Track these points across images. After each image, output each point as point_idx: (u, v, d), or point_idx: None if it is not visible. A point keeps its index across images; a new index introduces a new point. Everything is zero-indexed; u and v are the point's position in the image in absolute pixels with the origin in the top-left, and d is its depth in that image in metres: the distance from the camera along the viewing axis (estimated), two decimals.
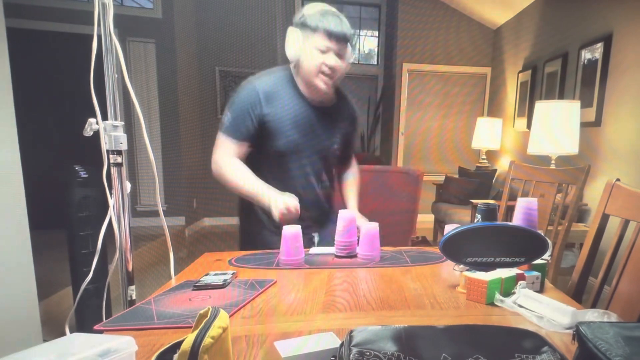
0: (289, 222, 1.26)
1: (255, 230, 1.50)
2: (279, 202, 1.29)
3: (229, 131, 1.37)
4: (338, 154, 1.56)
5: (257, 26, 4.69)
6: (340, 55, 1.37)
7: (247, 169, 1.38)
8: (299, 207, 1.30)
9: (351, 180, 1.66)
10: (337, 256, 1.24)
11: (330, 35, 1.32)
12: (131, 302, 1.14)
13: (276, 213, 1.29)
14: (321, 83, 1.37)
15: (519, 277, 0.95)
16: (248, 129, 1.36)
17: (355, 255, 1.24)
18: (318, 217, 1.53)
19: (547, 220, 1.62)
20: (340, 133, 1.52)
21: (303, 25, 1.34)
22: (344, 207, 1.59)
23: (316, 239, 1.53)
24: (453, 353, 0.54)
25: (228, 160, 1.38)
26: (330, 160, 1.53)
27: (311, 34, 1.33)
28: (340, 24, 1.33)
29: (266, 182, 1.38)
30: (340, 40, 1.34)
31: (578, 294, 1.19)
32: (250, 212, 1.48)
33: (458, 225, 1.02)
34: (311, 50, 1.33)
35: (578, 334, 0.58)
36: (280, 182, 1.40)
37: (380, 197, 2.03)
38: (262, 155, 1.42)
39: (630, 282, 1.04)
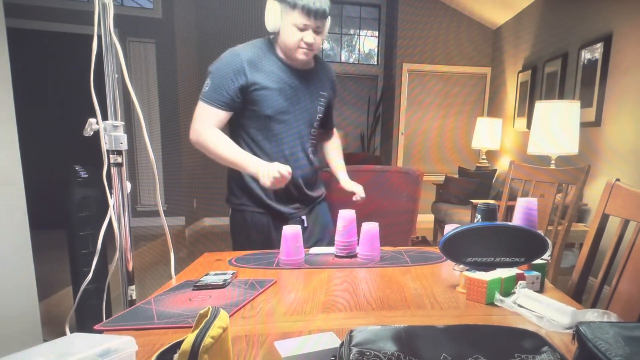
0: (279, 187, 1.29)
1: (244, 210, 1.49)
2: (270, 166, 1.29)
3: (210, 98, 1.36)
4: (321, 120, 1.55)
5: (257, 26, 4.69)
6: (318, 31, 1.37)
7: (228, 139, 1.39)
8: (290, 170, 1.29)
9: (335, 146, 1.68)
10: (337, 256, 1.24)
11: (309, 12, 1.31)
12: (131, 302, 1.14)
13: (267, 179, 1.27)
14: (300, 56, 1.39)
15: (519, 277, 0.95)
16: (230, 96, 1.36)
17: (355, 255, 1.24)
18: (306, 191, 1.53)
19: (547, 220, 1.62)
20: (323, 97, 1.53)
21: (282, 0, 1.33)
22: (330, 182, 1.63)
23: (306, 221, 1.54)
24: (453, 353, 0.54)
25: (209, 129, 1.38)
26: (315, 126, 1.53)
27: (290, 10, 1.32)
28: (319, 0, 1.32)
29: (252, 152, 1.40)
30: (319, 16, 1.34)
31: (578, 294, 1.19)
32: (240, 188, 1.48)
33: (458, 225, 1.02)
34: (290, 27, 1.34)
35: (578, 334, 0.58)
36: (267, 149, 1.42)
37: (380, 197, 2.03)
38: (247, 123, 1.42)
39: (630, 282, 1.04)
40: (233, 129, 1.46)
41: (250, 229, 1.48)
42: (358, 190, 1.57)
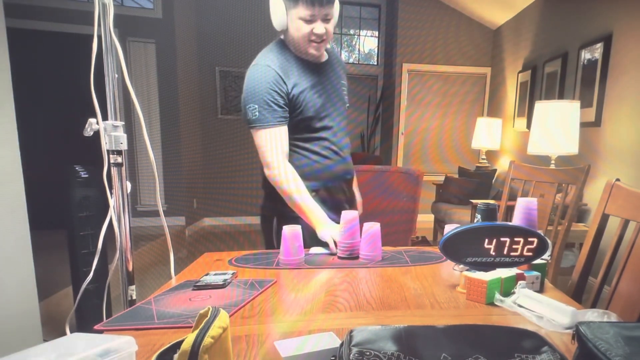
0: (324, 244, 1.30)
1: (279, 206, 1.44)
2: (331, 232, 1.29)
3: (266, 120, 1.30)
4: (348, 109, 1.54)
5: (257, 26, 4.69)
6: (327, 19, 1.31)
7: (301, 182, 1.35)
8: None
9: None
10: (340, 257, 1.24)
11: (313, 2, 1.25)
12: (131, 302, 1.14)
13: (327, 239, 1.28)
14: (313, 50, 1.34)
15: (519, 277, 0.95)
16: (282, 107, 1.32)
17: (357, 257, 1.24)
18: (351, 192, 1.58)
19: (547, 220, 1.62)
20: (344, 86, 1.52)
21: None
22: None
23: None
24: (453, 353, 0.54)
25: (284, 166, 1.33)
26: (346, 115, 1.52)
27: (293, 5, 1.27)
28: None
29: (305, 157, 1.39)
30: (324, 4, 1.27)
31: (578, 294, 1.19)
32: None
33: (458, 225, 1.02)
34: (296, 21, 1.28)
35: (578, 334, 0.58)
36: (318, 150, 1.41)
37: (380, 197, 2.03)
38: (292, 133, 1.38)
39: (630, 282, 1.04)
40: None
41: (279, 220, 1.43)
42: (358, 204, 1.62)
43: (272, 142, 1.32)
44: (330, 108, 1.43)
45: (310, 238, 1.36)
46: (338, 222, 1.33)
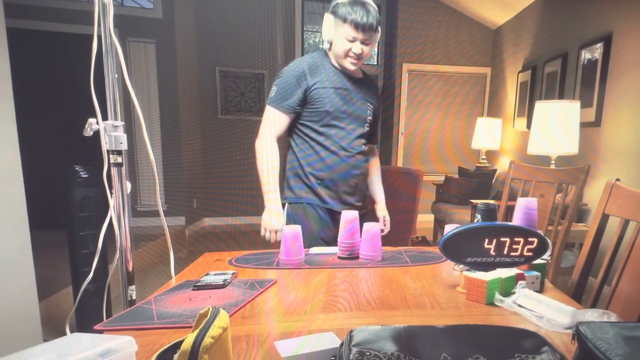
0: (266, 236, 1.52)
1: (303, 203, 1.60)
2: (270, 219, 1.51)
3: (277, 102, 1.51)
4: (370, 127, 1.68)
5: (257, 26, 4.70)
6: (366, 43, 1.50)
7: (276, 161, 1.53)
8: (278, 235, 1.49)
9: (376, 168, 1.80)
10: (340, 257, 1.24)
11: (357, 26, 1.45)
12: (131, 302, 1.14)
13: (265, 219, 1.51)
14: (349, 65, 1.53)
15: (519, 277, 0.96)
16: (294, 99, 1.50)
17: (357, 257, 1.24)
18: (362, 189, 1.68)
19: (547, 220, 1.62)
20: (371, 104, 1.66)
21: (335, 14, 1.48)
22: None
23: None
24: (453, 353, 0.54)
25: (270, 141, 1.52)
26: (366, 128, 1.65)
27: (341, 24, 1.47)
28: (367, 15, 1.45)
29: (308, 145, 1.55)
30: (367, 30, 1.46)
31: (578, 294, 1.19)
32: (303, 184, 1.60)
33: (458, 225, 1.02)
34: (341, 38, 1.48)
35: (578, 334, 0.58)
36: (326, 140, 1.55)
37: None
38: (306, 121, 1.55)
39: (630, 282, 1.04)
40: (292, 128, 1.58)
41: (310, 221, 1.57)
42: (386, 224, 1.72)
43: (272, 121, 1.53)
44: (349, 112, 1.57)
45: (310, 238, 1.41)
46: (337, 210, 1.53)
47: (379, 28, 1.51)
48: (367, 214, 1.73)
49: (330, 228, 1.58)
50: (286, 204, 1.61)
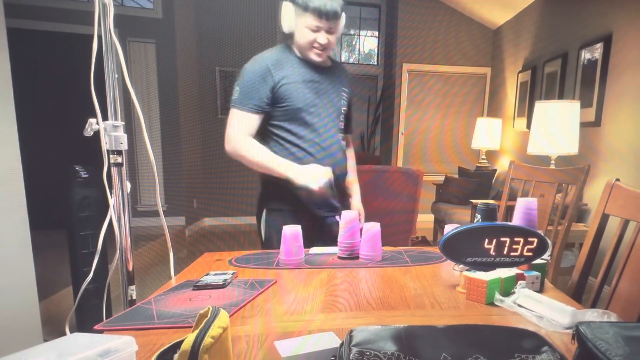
0: (321, 194, 1.38)
1: (281, 210, 1.50)
2: (312, 169, 1.37)
3: (241, 103, 1.40)
4: (345, 117, 1.60)
5: (257, 26, 4.69)
6: (331, 31, 1.41)
7: (265, 147, 1.43)
8: (330, 171, 1.38)
9: (352, 161, 1.70)
10: (340, 257, 1.24)
11: (321, 14, 1.35)
12: (131, 302, 1.14)
13: (314, 183, 1.35)
14: (315, 56, 1.44)
15: (519, 277, 0.95)
16: (261, 98, 1.40)
17: (357, 257, 1.24)
18: (342, 187, 1.59)
19: (547, 220, 1.62)
20: (344, 92, 1.58)
21: (294, 2, 1.38)
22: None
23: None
24: (453, 353, 0.54)
25: (244, 138, 1.41)
26: (341, 119, 1.57)
27: (302, 13, 1.37)
28: (330, 2, 1.35)
29: (286, 149, 1.44)
30: (331, 18, 1.37)
31: (578, 294, 1.19)
32: (277, 190, 1.48)
33: (458, 225, 1.02)
34: (303, 28, 1.38)
35: (578, 334, 0.58)
36: (302, 141, 1.45)
37: (380, 197, 2.03)
38: (278, 122, 1.45)
39: (630, 282, 1.04)
40: (263, 132, 1.48)
41: (285, 201, 1.47)
42: (361, 220, 1.62)
43: (240, 123, 1.41)
44: (322, 106, 1.48)
45: (311, 238, 1.37)
46: (322, 217, 1.48)
47: (343, 14, 1.42)
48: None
49: (317, 235, 1.48)
50: (264, 212, 1.52)
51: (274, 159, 1.41)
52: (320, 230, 1.51)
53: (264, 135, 1.47)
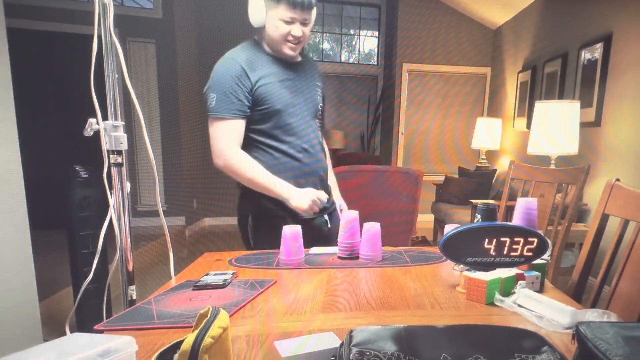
0: (313, 212, 1.35)
1: (266, 214, 1.43)
2: (308, 192, 1.35)
3: (221, 110, 1.31)
4: (321, 113, 1.55)
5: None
6: (306, 23, 1.35)
7: (257, 162, 1.36)
8: (326, 196, 1.35)
9: (327, 156, 1.64)
10: (340, 257, 1.24)
11: (295, 5, 1.29)
12: (131, 302, 1.14)
13: (303, 203, 1.33)
14: (288, 50, 1.37)
15: (519, 277, 0.95)
16: (241, 101, 1.32)
17: (357, 257, 1.24)
18: (325, 185, 1.55)
19: (547, 220, 1.62)
20: (318, 87, 1.52)
21: None
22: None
23: (329, 222, 1.54)
24: (453, 353, 0.54)
25: (234, 151, 1.34)
26: (319, 116, 1.53)
27: (275, 4, 1.30)
28: None
29: (270, 155, 1.39)
30: (305, 8, 1.31)
31: (578, 294, 1.19)
32: (260, 194, 1.41)
33: (458, 225, 1.02)
34: (276, 21, 1.31)
35: (578, 334, 0.58)
36: (286, 146, 1.40)
37: (380, 197, 2.03)
38: (259, 126, 1.38)
39: (630, 282, 1.04)
40: (244, 140, 1.40)
41: (273, 234, 1.34)
42: (343, 209, 1.60)
43: (226, 133, 1.33)
44: (301, 104, 1.43)
45: (310, 238, 1.36)
46: (308, 218, 1.42)
47: (315, 4, 1.35)
48: (334, 210, 1.59)
49: (306, 237, 1.39)
50: (249, 217, 1.45)
51: (269, 178, 1.35)
52: (310, 231, 1.45)
53: (244, 143, 1.38)
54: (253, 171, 1.35)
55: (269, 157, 1.40)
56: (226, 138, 1.33)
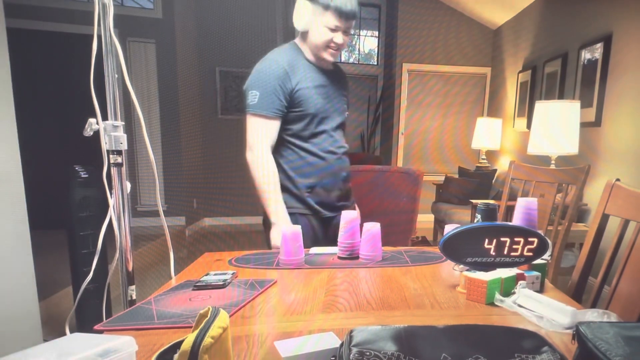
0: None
1: (292, 213, 1.49)
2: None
3: (262, 108, 1.37)
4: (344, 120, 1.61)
5: (257, 26, 4.69)
6: (347, 32, 1.42)
7: (276, 174, 1.42)
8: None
9: None
10: (340, 257, 1.24)
11: (341, 14, 1.36)
12: (131, 302, 1.14)
13: (278, 240, 1.33)
14: (328, 56, 1.44)
15: (519, 277, 0.95)
16: (281, 101, 1.38)
17: (357, 257, 1.24)
18: (347, 187, 1.61)
19: (547, 220, 1.62)
20: (345, 96, 1.60)
21: (314, 0, 1.36)
22: None
23: None
24: (453, 353, 0.54)
25: (266, 151, 1.40)
26: (345, 122, 1.59)
27: (322, 11, 1.36)
28: (350, 2, 1.36)
29: (296, 154, 1.45)
30: (350, 18, 1.38)
31: (578, 294, 1.19)
32: (287, 192, 1.48)
33: (458, 225, 1.02)
34: (321, 27, 1.38)
35: (578, 334, 0.58)
36: (313, 147, 1.46)
37: (380, 197, 2.03)
38: (291, 126, 1.44)
39: (630, 282, 1.04)
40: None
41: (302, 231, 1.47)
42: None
43: (262, 130, 1.39)
44: (330, 111, 1.50)
45: (319, 237, 1.41)
46: (329, 217, 1.46)
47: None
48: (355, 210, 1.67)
49: (324, 235, 1.52)
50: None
51: (274, 194, 1.40)
52: (327, 229, 1.54)
53: (277, 141, 1.45)
54: (263, 177, 1.40)
55: (296, 155, 1.47)
56: (261, 135, 1.40)
